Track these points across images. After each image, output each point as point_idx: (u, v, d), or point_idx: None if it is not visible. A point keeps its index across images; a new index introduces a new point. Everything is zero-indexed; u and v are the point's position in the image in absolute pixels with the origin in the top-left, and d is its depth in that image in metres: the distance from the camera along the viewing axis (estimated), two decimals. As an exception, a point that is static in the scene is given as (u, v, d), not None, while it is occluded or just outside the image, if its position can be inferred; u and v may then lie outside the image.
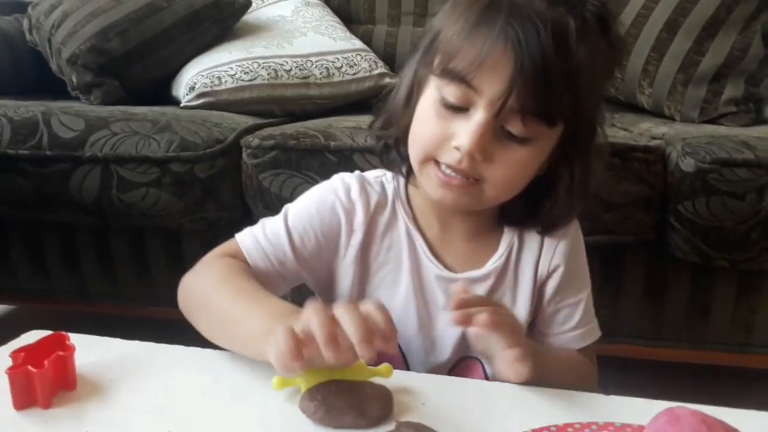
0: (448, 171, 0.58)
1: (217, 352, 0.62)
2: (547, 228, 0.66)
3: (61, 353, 0.54)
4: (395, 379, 0.54)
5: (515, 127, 0.56)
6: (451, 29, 0.57)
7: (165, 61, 1.43)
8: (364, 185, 0.67)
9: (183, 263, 1.19)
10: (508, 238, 0.67)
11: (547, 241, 0.67)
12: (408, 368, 0.67)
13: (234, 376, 0.57)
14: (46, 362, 0.53)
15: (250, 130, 1.14)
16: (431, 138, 0.59)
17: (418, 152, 0.61)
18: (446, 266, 0.66)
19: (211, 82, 1.33)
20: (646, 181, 1.01)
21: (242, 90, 1.34)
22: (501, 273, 0.66)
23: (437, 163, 0.59)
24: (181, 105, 1.34)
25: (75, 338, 0.57)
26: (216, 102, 1.32)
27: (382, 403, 0.50)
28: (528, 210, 0.65)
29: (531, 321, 0.68)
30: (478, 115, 0.55)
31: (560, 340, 0.68)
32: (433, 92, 0.59)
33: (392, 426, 0.49)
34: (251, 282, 0.60)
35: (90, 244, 1.21)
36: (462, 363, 0.67)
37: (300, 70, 1.39)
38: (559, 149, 0.61)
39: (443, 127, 0.58)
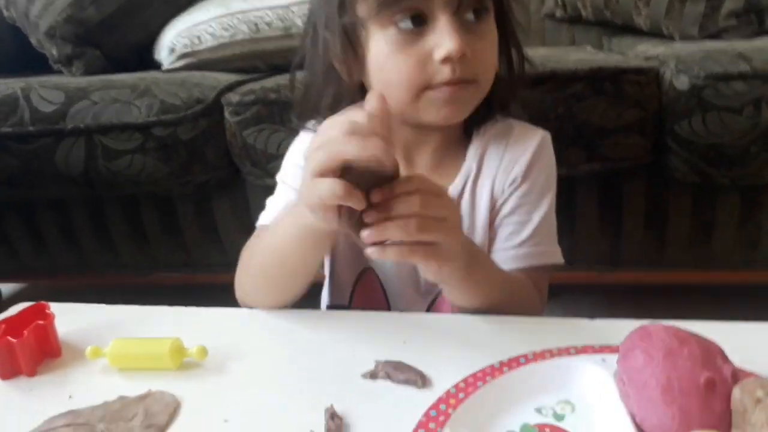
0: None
1: (202, 309, 0.62)
2: (502, 108, 0.68)
3: (40, 322, 0.55)
4: (375, 319, 0.54)
5: (473, 8, 0.58)
6: None
7: (144, 25, 1.40)
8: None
9: (179, 228, 1.20)
10: (467, 164, 0.66)
11: (508, 155, 0.65)
12: (388, 304, 0.67)
13: (219, 336, 0.57)
14: (25, 332, 0.53)
15: (231, 87, 1.12)
16: (413, 69, 0.57)
17: (406, 92, 0.59)
18: None
19: (191, 42, 1.29)
20: (639, 103, 0.97)
21: (223, 48, 1.30)
22: (457, 198, 0.65)
23: (432, 87, 0.58)
24: (163, 69, 1.31)
25: (59, 307, 0.57)
26: (198, 62, 1.29)
27: None
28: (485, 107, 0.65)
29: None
30: (443, 18, 0.56)
31: (501, 257, 0.64)
32: (382, 32, 0.58)
33: (372, 365, 0.49)
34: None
35: (85, 217, 1.21)
36: (439, 298, 0.67)
37: (281, 21, 1.34)
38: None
39: (417, 53, 0.57)
